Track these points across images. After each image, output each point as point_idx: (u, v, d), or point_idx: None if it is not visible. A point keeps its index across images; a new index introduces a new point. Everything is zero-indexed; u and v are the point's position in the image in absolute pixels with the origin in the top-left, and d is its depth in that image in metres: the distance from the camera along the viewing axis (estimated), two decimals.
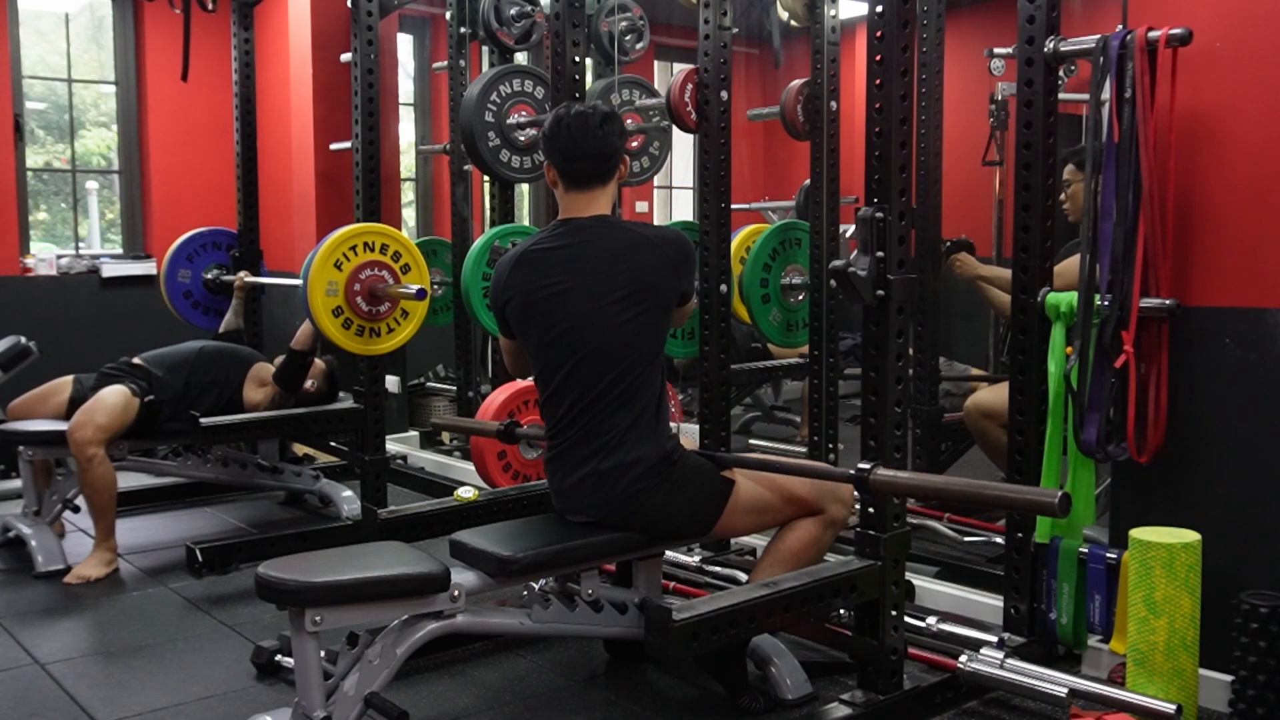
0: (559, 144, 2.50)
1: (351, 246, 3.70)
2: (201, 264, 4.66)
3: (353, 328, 3.73)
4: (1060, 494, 1.98)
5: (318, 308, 3.64)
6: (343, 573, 2.13)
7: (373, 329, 3.79)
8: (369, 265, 3.72)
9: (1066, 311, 2.59)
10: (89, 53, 6.15)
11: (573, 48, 3.32)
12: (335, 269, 3.67)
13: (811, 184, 3.96)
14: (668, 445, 2.45)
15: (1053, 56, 2.58)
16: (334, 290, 3.66)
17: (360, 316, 3.74)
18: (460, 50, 4.87)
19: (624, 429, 2.40)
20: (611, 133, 2.50)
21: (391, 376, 5.13)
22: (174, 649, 2.97)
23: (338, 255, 3.67)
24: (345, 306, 3.70)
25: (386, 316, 3.80)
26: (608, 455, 2.39)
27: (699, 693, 2.63)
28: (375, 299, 3.75)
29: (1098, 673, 2.56)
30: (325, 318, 3.66)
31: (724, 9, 3.27)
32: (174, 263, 4.62)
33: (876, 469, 2.24)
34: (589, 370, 2.42)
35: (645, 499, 2.40)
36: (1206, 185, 2.45)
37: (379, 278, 3.75)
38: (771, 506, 2.51)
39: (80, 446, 3.54)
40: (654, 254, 2.46)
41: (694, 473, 2.47)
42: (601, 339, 2.41)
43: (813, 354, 3.89)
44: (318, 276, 3.63)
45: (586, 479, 2.42)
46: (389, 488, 4.07)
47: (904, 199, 2.32)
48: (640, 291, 2.42)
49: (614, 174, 2.55)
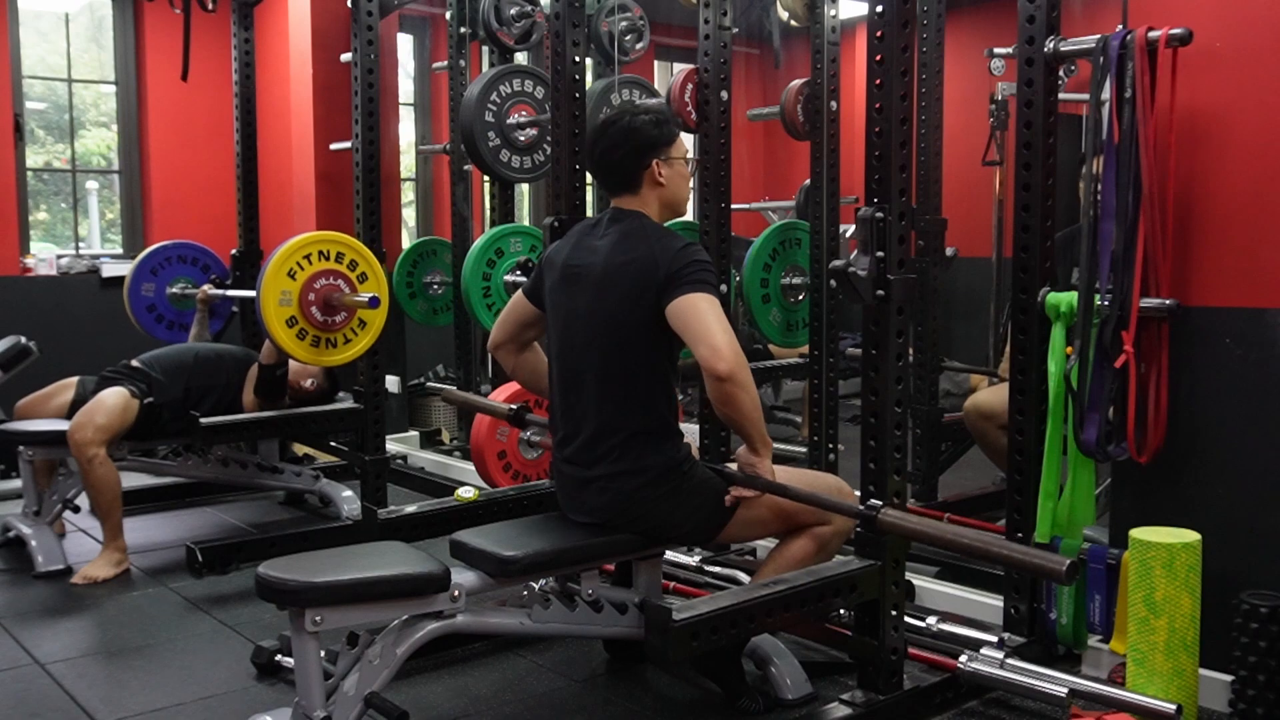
0: (586, 153, 2.56)
1: (305, 255, 3.57)
2: (166, 277, 4.59)
3: (308, 338, 3.61)
4: (1068, 563, 1.96)
5: (271, 319, 3.52)
6: (343, 573, 2.13)
7: (329, 339, 3.67)
8: (324, 274, 3.59)
9: (1066, 311, 2.59)
10: (89, 53, 6.15)
11: (573, 48, 3.32)
12: (289, 278, 3.54)
13: (811, 184, 3.96)
14: (678, 455, 2.43)
15: (1053, 56, 2.58)
16: (288, 300, 3.54)
17: (315, 326, 3.61)
18: (460, 50, 4.87)
19: (635, 435, 2.39)
20: (616, 141, 2.45)
21: (391, 376, 5.14)
22: (174, 649, 2.97)
23: (291, 264, 3.55)
24: (300, 316, 3.57)
25: (343, 326, 3.68)
26: (617, 460, 2.39)
27: (699, 693, 2.63)
28: (330, 308, 3.63)
29: (1098, 673, 2.56)
30: (279, 328, 3.54)
31: (724, 9, 3.27)
32: (137, 276, 4.54)
33: (884, 510, 2.25)
34: (601, 374, 2.41)
35: (651, 506, 2.40)
36: (1206, 185, 2.45)
37: (334, 286, 3.62)
38: (775, 520, 2.51)
39: (80, 447, 3.54)
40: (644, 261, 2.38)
41: (701, 484, 2.45)
42: (611, 342, 2.40)
43: (813, 354, 3.89)
44: (270, 286, 3.51)
45: (593, 482, 2.41)
46: (389, 488, 4.06)
47: (904, 199, 2.32)
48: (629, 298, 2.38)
49: (637, 183, 2.47)
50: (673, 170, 2.49)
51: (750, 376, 2.29)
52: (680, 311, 2.30)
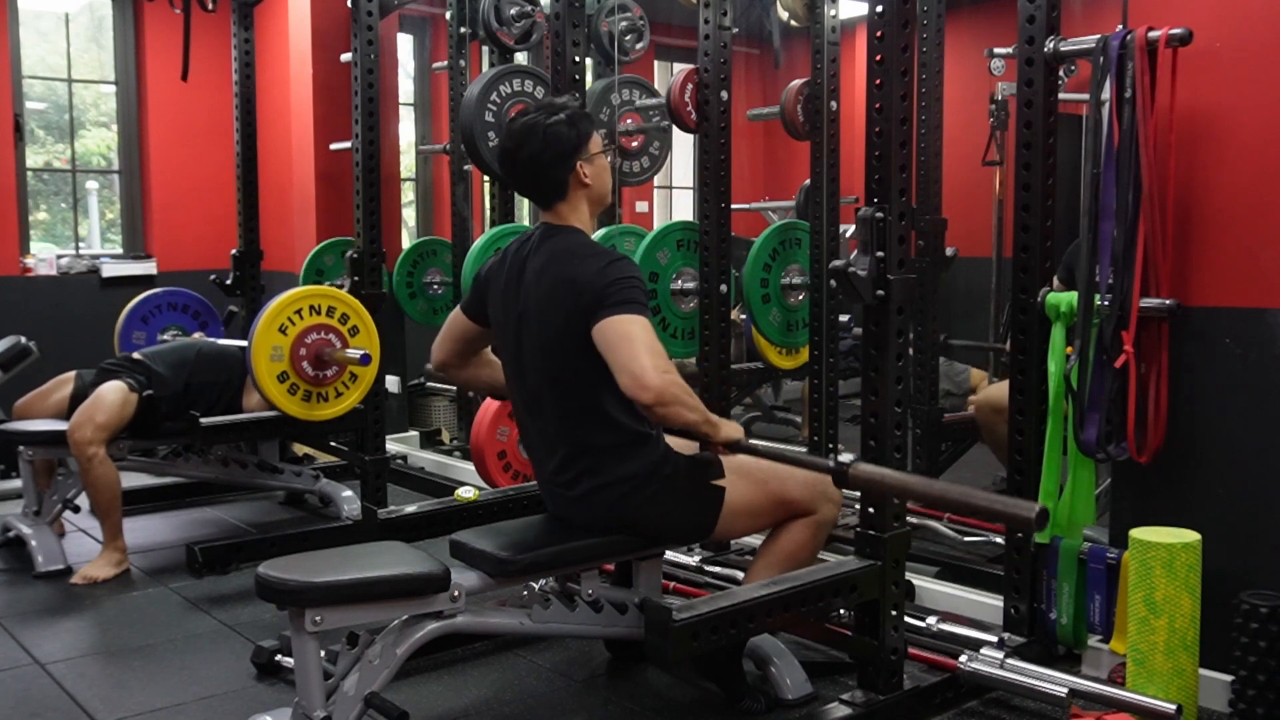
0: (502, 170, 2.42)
1: (297, 310, 3.58)
2: (157, 325, 4.57)
3: (299, 393, 3.62)
4: (1039, 508, 1.93)
5: (262, 374, 3.53)
6: (343, 573, 2.13)
7: (320, 394, 3.67)
8: (315, 329, 3.60)
9: (1066, 311, 2.59)
10: (89, 53, 6.15)
11: (573, 48, 3.32)
12: (280, 334, 3.55)
13: (811, 184, 3.96)
14: (656, 457, 2.40)
15: (1053, 56, 2.58)
16: (279, 355, 3.54)
17: (306, 381, 3.62)
18: (460, 50, 4.87)
19: (606, 450, 2.36)
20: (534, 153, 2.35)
21: (391, 376, 5.13)
22: (174, 649, 2.97)
23: (282, 319, 3.56)
24: (290, 372, 3.58)
25: (334, 381, 3.68)
26: (596, 474, 2.37)
27: (699, 693, 2.63)
28: (321, 363, 3.63)
29: (1098, 673, 2.56)
30: (270, 384, 3.55)
31: (724, 9, 3.27)
32: (128, 324, 4.52)
33: (856, 464, 2.22)
34: (558, 399, 2.38)
35: (642, 511, 2.39)
36: (1206, 185, 2.45)
37: (325, 341, 3.62)
38: (764, 509, 2.51)
39: (80, 447, 3.54)
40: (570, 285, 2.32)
41: (688, 480, 2.44)
42: (558, 368, 2.35)
43: (813, 354, 3.89)
44: (261, 342, 3.52)
45: (579, 500, 2.40)
46: (389, 488, 4.06)
47: (904, 199, 2.32)
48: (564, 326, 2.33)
49: (563, 190, 2.38)
50: (595, 167, 2.42)
51: (678, 386, 2.21)
52: (603, 337, 2.23)
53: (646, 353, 2.19)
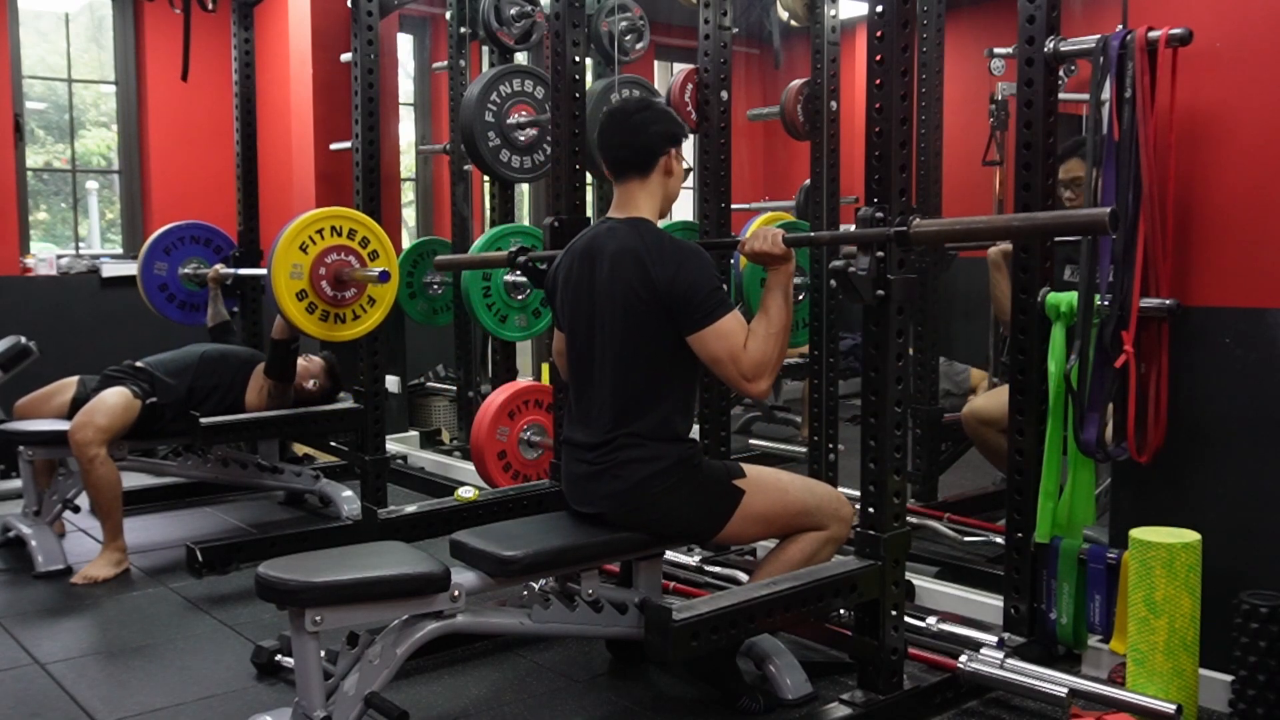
0: (600, 132, 2.56)
1: (318, 230, 3.64)
2: (179, 258, 4.59)
3: (317, 312, 3.67)
4: (1109, 211, 1.96)
5: (281, 291, 3.58)
6: (343, 573, 2.13)
7: (338, 314, 3.73)
8: (335, 249, 3.66)
9: (1066, 311, 2.59)
10: (89, 53, 6.15)
11: (573, 48, 3.31)
12: (300, 252, 3.60)
13: (811, 184, 3.96)
14: (690, 450, 2.46)
15: (1053, 56, 2.58)
16: (299, 273, 3.59)
17: (325, 301, 3.67)
18: (460, 50, 4.87)
19: (648, 428, 2.42)
20: (647, 120, 2.50)
21: (391, 376, 5.14)
22: (174, 649, 2.97)
23: (303, 238, 3.61)
24: (310, 290, 3.63)
25: (353, 302, 3.75)
26: (628, 449, 2.41)
27: (699, 693, 2.63)
28: (341, 284, 3.68)
29: (1098, 673, 2.56)
30: (289, 301, 3.60)
31: (724, 9, 3.27)
32: (150, 256, 4.55)
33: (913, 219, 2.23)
34: (617, 367, 2.44)
35: (659, 497, 2.41)
36: (1206, 185, 2.45)
37: (344, 262, 3.68)
38: (776, 520, 2.52)
39: (81, 447, 3.54)
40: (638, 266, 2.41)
41: (708, 480, 2.47)
42: (624, 338, 2.43)
43: (813, 354, 3.89)
44: (282, 259, 3.57)
45: (606, 470, 2.42)
46: (389, 488, 4.06)
47: (904, 199, 2.32)
48: (633, 301, 2.42)
49: (652, 165, 2.51)
50: (679, 167, 2.57)
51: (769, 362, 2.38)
52: (704, 344, 2.38)
53: (746, 347, 2.36)
